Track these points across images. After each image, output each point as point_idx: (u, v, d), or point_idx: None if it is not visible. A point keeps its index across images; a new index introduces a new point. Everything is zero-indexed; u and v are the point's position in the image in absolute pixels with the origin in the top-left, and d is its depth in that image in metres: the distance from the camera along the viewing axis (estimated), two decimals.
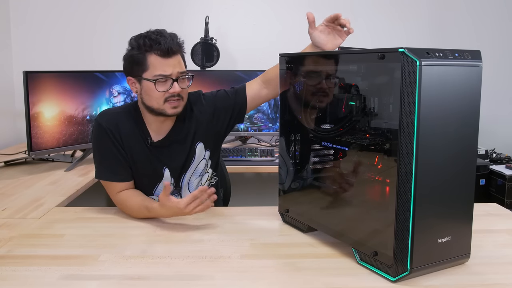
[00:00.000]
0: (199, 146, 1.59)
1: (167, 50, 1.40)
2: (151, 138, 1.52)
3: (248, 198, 2.95)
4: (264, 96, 1.61)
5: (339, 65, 1.19)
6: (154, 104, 1.45)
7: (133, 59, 1.43)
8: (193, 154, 1.58)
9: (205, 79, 2.69)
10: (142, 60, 1.42)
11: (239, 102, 1.60)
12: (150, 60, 1.41)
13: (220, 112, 1.59)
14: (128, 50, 1.45)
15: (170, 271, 1.11)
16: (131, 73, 1.46)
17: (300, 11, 3.01)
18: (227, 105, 1.60)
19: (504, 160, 3.03)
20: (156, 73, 1.41)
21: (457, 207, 1.06)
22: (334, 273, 1.09)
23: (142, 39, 1.41)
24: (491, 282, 1.05)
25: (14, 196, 1.73)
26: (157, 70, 1.41)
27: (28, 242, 1.28)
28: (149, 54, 1.41)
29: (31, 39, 2.93)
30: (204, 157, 1.61)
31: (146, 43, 1.40)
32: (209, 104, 1.60)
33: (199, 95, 1.62)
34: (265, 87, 1.59)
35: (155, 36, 1.41)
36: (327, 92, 1.23)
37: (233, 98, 1.60)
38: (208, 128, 1.59)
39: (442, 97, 0.98)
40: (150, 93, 1.44)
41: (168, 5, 2.97)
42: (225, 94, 1.62)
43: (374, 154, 1.08)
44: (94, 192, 2.02)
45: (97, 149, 1.53)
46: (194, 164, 1.59)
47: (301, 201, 1.35)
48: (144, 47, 1.40)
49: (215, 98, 1.61)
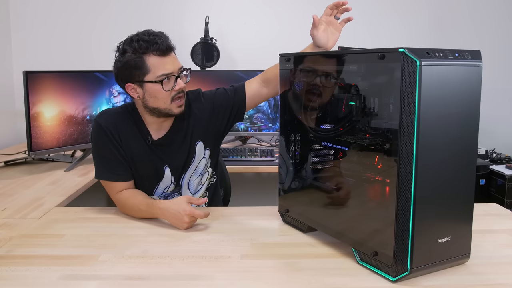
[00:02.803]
0: (199, 145, 1.58)
1: (165, 49, 1.39)
2: (151, 137, 1.52)
3: (248, 198, 2.95)
4: (264, 95, 1.61)
5: (339, 65, 1.19)
6: (161, 105, 1.44)
7: (131, 65, 1.40)
8: (193, 153, 1.58)
9: (205, 79, 2.69)
10: (141, 63, 1.39)
11: (238, 100, 1.59)
12: (150, 61, 1.39)
13: (219, 110, 1.59)
14: (120, 57, 1.42)
15: (170, 271, 1.11)
16: (131, 79, 1.42)
17: (300, 11, 3.01)
18: (226, 103, 1.59)
19: (504, 160, 3.03)
20: (159, 73, 1.40)
21: (457, 207, 1.06)
22: (334, 273, 1.09)
23: (136, 43, 1.38)
24: (491, 282, 1.05)
25: (14, 196, 1.73)
26: (159, 70, 1.40)
27: (28, 242, 1.28)
28: (146, 56, 1.39)
29: (31, 39, 2.93)
30: (204, 156, 1.61)
31: (142, 45, 1.37)
32: (208, 102, 1.59)
33: (198, 93, 1.61)
34: (265, 86, 1.59)
35: (147, 37, 1.39)
36: (327, 92, 1.23)
37: (232, 96, 1.59)
38: (207, 127, 1.58)
39: (442, 97, 0.98)
40: (156, 94, 1.42)
41: (168, 5, 2.97)
42: (224, 92, 1.61)
43: (374, 154, 1.08)
44: (94, 192, 2.02)
45: (96, 149, 1.52)
46: (194, 163, 1.59)
47: (301, 201, 1.35)
48: (140, 49, 1.38)
49: (214, 96, 1.60)
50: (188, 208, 1.34)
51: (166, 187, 1.58)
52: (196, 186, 1.63)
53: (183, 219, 1.34)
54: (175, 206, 1.36)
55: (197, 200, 1.41)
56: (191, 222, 1.35)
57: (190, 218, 1.34)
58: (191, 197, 1.41)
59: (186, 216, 1.33)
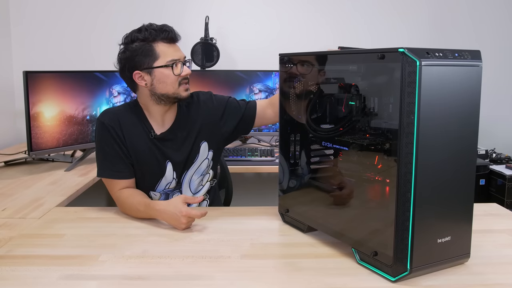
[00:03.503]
0: (204, 145, 1.60)
1: (172, 37, 1.48)
2: (154, 131, 1.54)
3: (248, 198, 2.95)
4: (267, 117, 1.64)
5: (339, 65, 1.19)
6: (169, 89, 1.49)
7: (140, 52, 1.46)
8: (197, 151, 1.60)
9: (205, 79, 2.69)
10: (151, 50, 1.46)
11: (249, 114, 1.64)
12: (159, 48, 1.47)
13: (228, 117, 1.63)
14: (128, 46, 1.48)
15: (170, 271, 1.11)
16: (139, 66, 1.48)
17: (300, 11, 3.01)
18: (236, 112, 1.63)
19: (504, 160, 3.03)
20: (168, 58, 1.47)
21: (457, 207, 1.06)
22: (334, 273, 1.09)
23: (145, 32, 1.46)
24: (491, 282, 1.05)
25: (14, 196, 1.73)
26: (168, 56, 1.47)
27: (28, 242, 1.28)
28: (155, 43, 1.46)
29: (31, 39, 2.93)
30: (207, 156, 1.62)
31: (152, 33, 1.46)
32: (220, 105, 1.63)
33: (210, 95, 1.66)
34: (270, 107, 1.63)
35: (155, 26, 1.48)
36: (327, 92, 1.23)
37: (244, 108, 1.64)
38: (214, 129, 1.61)
39: (442, 97, 0.98)
40: (165, 79, 1.48)
41: (168, 5, 2.97)
42: (236, 102, 1.66)
43: (374, 154, 1.08)
44: (94, 192, 2.02)
45: (99, 147, 1.54)
46: (197, 162, 1.60)
47: (301, 201, 1.35)
48: (151, 37, 1.46)
49: (227, 102, 1.64)
50: (184, 209, 1.34)
51: (168, 183, 1.58)
52: (196, 186, 1.64)
53: (180, 220, 1.34)
54: (171, 208, 1.37)
55: (193, 199, 1.42)
56: (188, 222, 1.35)
57: (187, 219, 1.34)
58: (187, 197, 1.41)
59: (183, 217, 1.34)
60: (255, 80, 2.69)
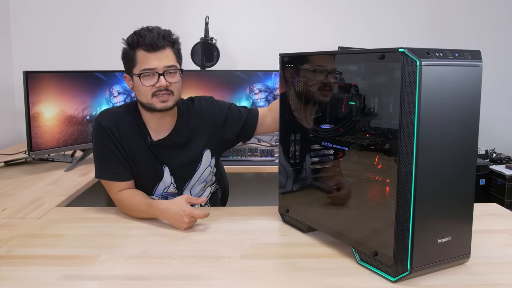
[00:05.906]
0: (207, 153, 1.59)
1: (150, 44, 1.41)
2: (150, 137, 1.52)
3: (248, 198, 2.95)
4: (266, 124, 1.62)
5: (339, 65, 1.19)
6: (143, 98, 1.47)
7: (125, 57, 1.48)
8: (199, 160, 1.58)
9: (205, 79, 2.69)
10: (132, 56, 1.45)
11: (251, 121, 1.61)
12: (138, 55, 1.44)
13: (231, 123, 1.60)
14: (123, 49, 1.49)
15: (170, 271, 1.11)
16: (126, 70, 1.50)
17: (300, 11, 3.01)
18: (239, 120, 1.61)
19: (504, 160, 3.03)
20: (142, 67, 1.43)
21: (457, 207, 1.06)
22: (334, 273, 1.09)
23: (132, 36, 1.45)
24: (491, 282, 1.05)
25: (14, 196, 1.72)
26: (143, 64, 1.43)
27: (28, 242, 1.28)
28: (137, 50, 1.44)
29: (31, 39, 2.93)
30: (210, 164, 1.62)
31: (134, 39, 1.43)
32: (222, 112, 1.60)
33: (212, 101, 1.63)
34: (269, 114, 1.61)
35: (143, 32, 1.44)
36: (327, 92, 1.23)
37: (245, 116, 1.61)
38: (216, 136, 1.59)
39: (442, 97, 0.98)
40: (138, 88, 1.46)
41: (168, 5, 2.97)
42: (237, 109, 1.63)
43: (374, 154, 1.08)
44: (94, 192, 2.02)
45: (97, 149, 1.53)
46: (200, 170, 1.59)
47: (301, 201, 1.35)
48: (133, 43, 1.44)
49: (229, 110, 1.61)
50: (188, 209, 1.34)
51: (166, 187, 1.58)
52: (198, 191, 1.64)
53: (182, 219, 1.34)
54: (174, 207, 1.36)
55: (196, 200, 1.41)
56: (191, 222, 1.35)
57: (189, 218, 1.34)
58: (190, 197, 1.41)
59: (185, 216, 1.33)
60: (255, 80, 2.69)
